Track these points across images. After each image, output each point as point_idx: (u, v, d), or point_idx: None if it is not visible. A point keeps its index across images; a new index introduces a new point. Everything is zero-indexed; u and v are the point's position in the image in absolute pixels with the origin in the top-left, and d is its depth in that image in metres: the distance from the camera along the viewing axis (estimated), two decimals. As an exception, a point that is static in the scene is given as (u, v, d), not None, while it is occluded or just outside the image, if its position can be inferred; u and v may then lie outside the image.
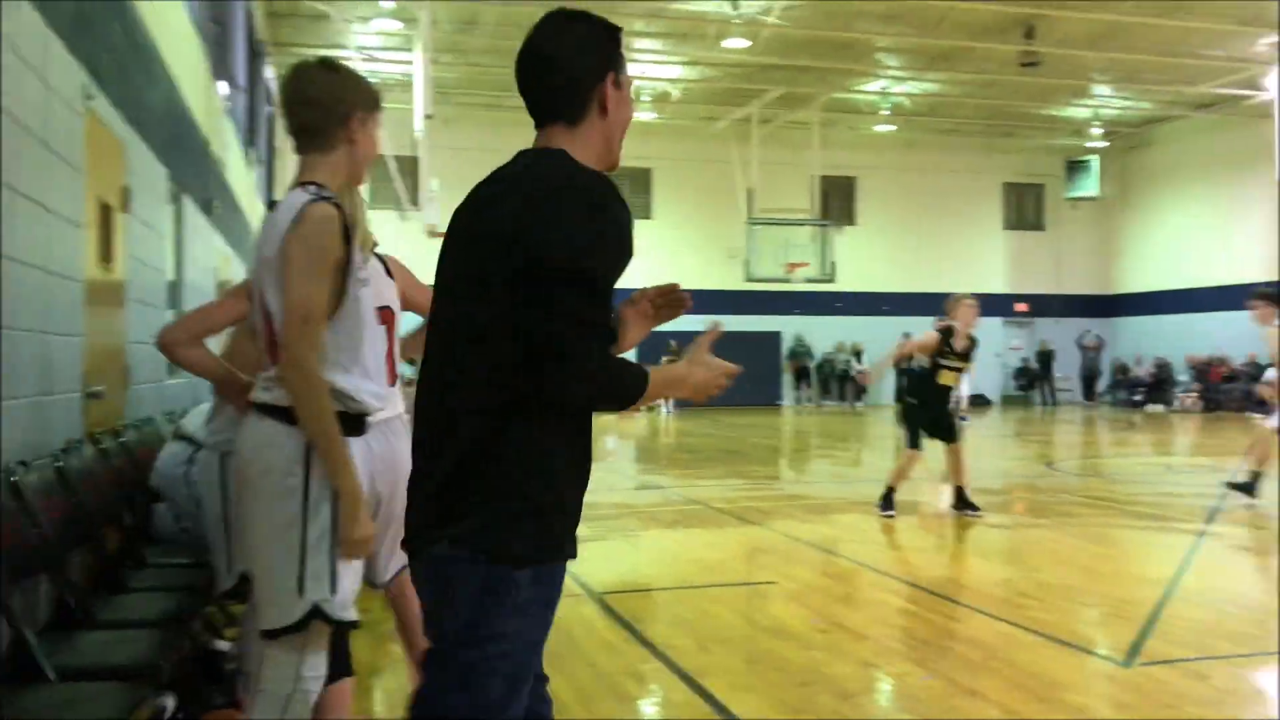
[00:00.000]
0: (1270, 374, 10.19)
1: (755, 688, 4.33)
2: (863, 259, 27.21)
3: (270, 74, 21.10)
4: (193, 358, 3.34)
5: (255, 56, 18.10)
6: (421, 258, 7.15)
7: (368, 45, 21.23)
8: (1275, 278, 24.33)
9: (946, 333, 8.46)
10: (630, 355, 2.19)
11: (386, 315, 3.36)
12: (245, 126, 15.81)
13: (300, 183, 2.72)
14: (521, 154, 2.15)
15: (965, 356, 8.58)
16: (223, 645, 4.48)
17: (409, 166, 18.67)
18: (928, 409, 8.61)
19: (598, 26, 2.17)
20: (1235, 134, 25.49)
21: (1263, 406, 12.86)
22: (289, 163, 24.06)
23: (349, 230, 2.65)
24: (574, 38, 2.14)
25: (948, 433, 8.54)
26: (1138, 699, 4.19)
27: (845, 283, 26.19)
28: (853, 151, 27.57)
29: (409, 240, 15.64)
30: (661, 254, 24.16)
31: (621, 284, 2.00)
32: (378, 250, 3.59)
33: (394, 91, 23.03)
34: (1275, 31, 19.40)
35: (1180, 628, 5.27)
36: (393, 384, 3.41)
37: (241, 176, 14.06)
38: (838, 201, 27.77)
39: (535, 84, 2.15)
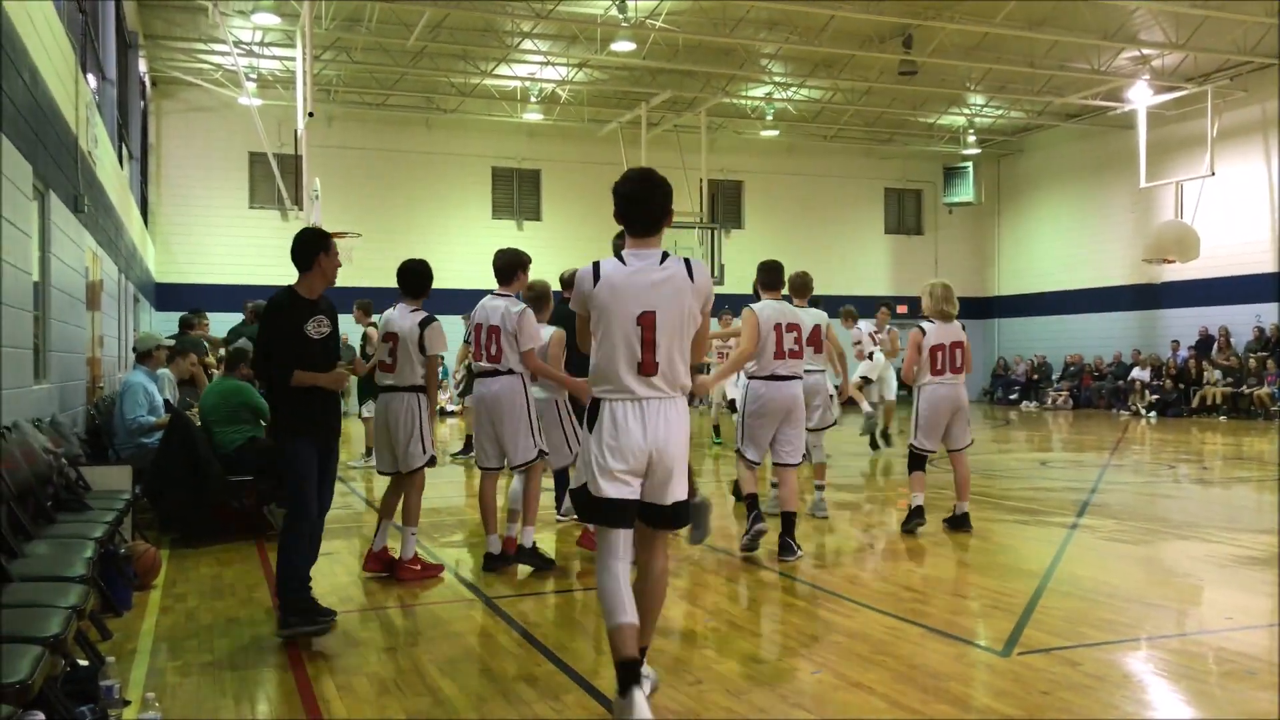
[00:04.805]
0: None
1: (648, 688, 4.33)
2: (750, 262, 27.22)
3: (143, 67, 20.32)
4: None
5: (127, 49, 17.41)
6: (305, 258, 6.96)
7: (246, 40, 20.64)
8: (1139, 281, 25.58)
9: None
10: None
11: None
12: (116, 121, 15.19)
13: None
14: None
15: None
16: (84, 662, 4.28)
17: (291, 166, 18.18)
18: None
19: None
20: (1101, 143, 26.69)
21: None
22: (164, 158, 23.21)
23: None
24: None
25: None
26: (1016, 687, 4.34)
27: (733, 285, 26.51)
28: (739, 155, 27.94)
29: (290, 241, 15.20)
30: (550, 255, 24.09)
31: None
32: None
33: (274, 89, 22.48)
34: (1136, 46, 20.39)
35: (1054, 617, 5.48)
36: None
37: (113, 172, 13.51)
38: (725, 205, 28.12)
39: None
